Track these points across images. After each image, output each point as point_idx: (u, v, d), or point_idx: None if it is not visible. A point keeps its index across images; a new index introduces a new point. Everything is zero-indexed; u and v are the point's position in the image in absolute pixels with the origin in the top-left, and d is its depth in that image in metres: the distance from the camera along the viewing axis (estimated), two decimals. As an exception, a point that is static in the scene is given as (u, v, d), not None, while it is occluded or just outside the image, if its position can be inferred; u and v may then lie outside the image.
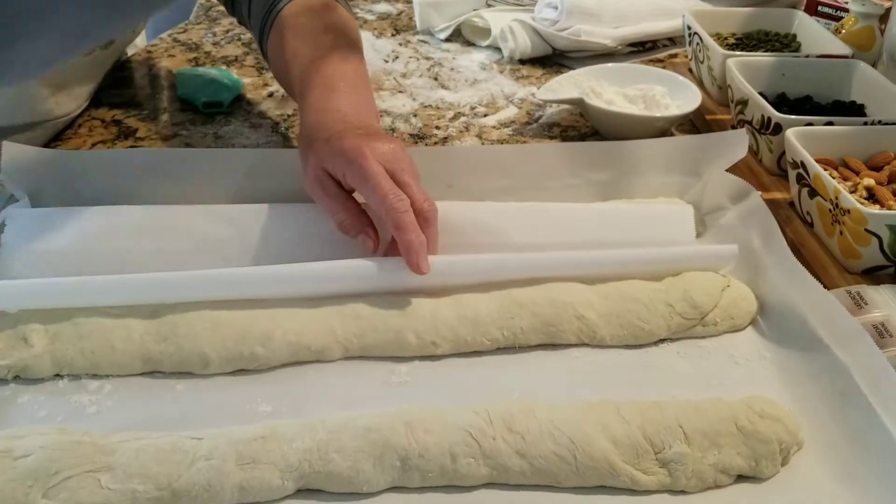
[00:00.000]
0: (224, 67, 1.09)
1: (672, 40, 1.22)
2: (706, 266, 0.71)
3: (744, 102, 0.90)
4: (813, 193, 0.76)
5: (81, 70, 0.91)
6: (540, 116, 1.02)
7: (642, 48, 1.20)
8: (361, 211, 0.68)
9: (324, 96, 0.74)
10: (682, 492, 0.54)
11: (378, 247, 0.67)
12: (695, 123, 1.01)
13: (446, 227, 0.68)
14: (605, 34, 1.15)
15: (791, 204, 0.82)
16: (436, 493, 0.53)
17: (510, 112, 1.03)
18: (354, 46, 0.82)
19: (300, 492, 0.53)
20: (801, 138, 0.79)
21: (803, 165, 0.77)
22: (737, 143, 0.81)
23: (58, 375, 0.60)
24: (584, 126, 0.99)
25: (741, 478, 0.55)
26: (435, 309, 0.64)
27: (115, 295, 0.62)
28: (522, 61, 1.16)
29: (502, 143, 0.95)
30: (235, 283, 0.63)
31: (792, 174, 0.80)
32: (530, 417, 0.55)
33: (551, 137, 0.97)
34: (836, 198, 0.72)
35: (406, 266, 0.64)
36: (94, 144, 0.91)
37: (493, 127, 0.99)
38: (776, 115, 0.84)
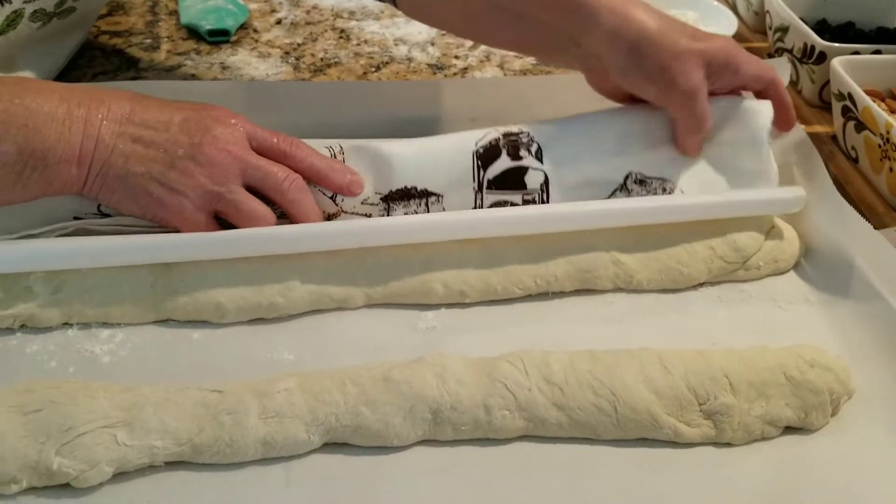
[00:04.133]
0: (229, -7, 1.03)
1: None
2: (769, 211, 0.65)
3: (783, 29, 0.85)
4: (860, 127, 0.72)
5: (34, 43, 0.78)
6: (563, 45, 0.96)
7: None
8: None
9: None
10: (728, 444, 0.51)
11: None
12: (727, 52, 0.95)
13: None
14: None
15: (833, 138, 0.78)
16: (469, 446, 0.51)
17: (532, 40, 0.97)
18: None
19: (326, 445, 0.50)
20: (848, 68, 0.75)
21: (850, 97, 0.72)
22: (778, 73, 0.76)
23: (67, 324, 0.56)
24: (610, 55, 0.94)
25: (788, 429, 0.52)
26: (463, 257, 0.60)
27: (125, 257, 0.57)
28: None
29: (525, 74, 0.90)
30: (249, 243, 0.58)
31: (836, 106, 0.75)
32: (568, 368, 0.52)
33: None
34: (888, 132, 0.67)
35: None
36: (94, 76, 0.87)
37: (516, 56, 0.94)
38: (820, 43, 0.79)
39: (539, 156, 0.63)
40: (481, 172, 0.62)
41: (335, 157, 0.63)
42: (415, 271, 0.60)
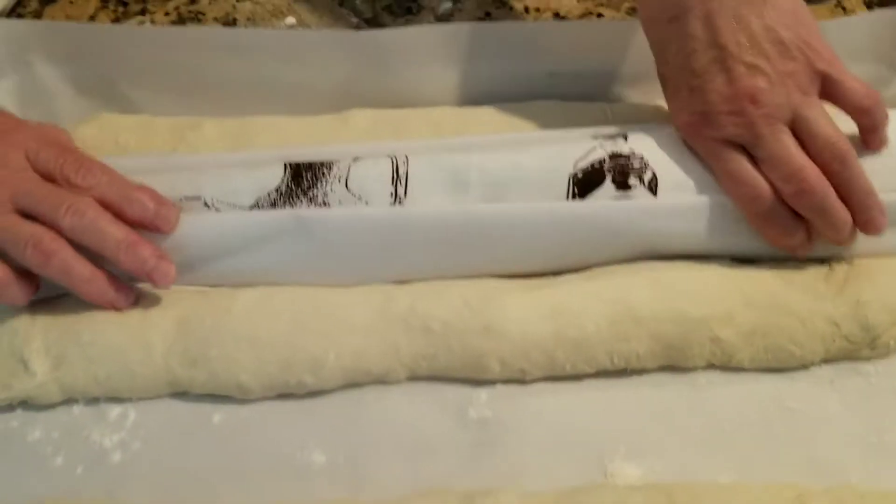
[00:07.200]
0: None
1: None
2: None
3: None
4: None
5: None
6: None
7: None
8: None
9: None
10: None
11: None
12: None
13: None
14: None
15: None
16: None
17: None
18: None
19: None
20: None
21: None
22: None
23: (72, 399, 0.50)
24: None
25: None
26: (527, 325, 0.50)
27: None
28: None
29: None
30: None
31: None
32: None
33: None
34: None
35: None
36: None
37: None
38: None
39: (653, 187, 0.51)
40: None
41: (397, 168, 0.51)
42: (468, 342, 0.50)
